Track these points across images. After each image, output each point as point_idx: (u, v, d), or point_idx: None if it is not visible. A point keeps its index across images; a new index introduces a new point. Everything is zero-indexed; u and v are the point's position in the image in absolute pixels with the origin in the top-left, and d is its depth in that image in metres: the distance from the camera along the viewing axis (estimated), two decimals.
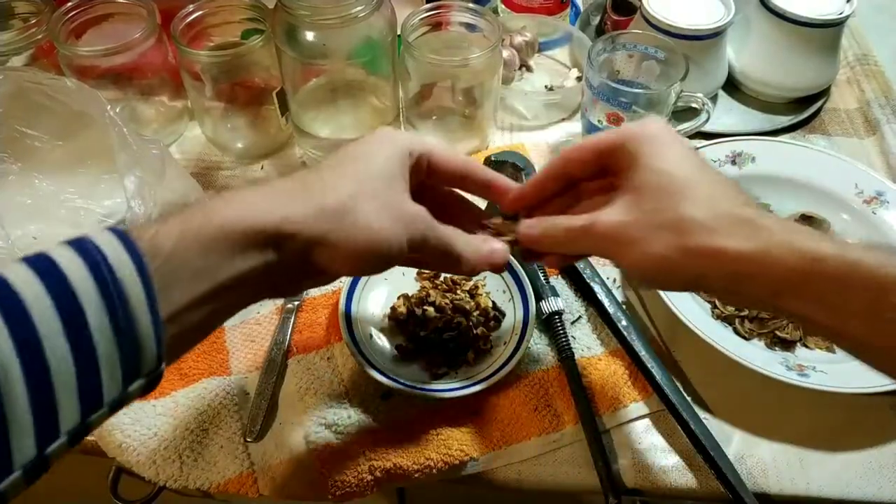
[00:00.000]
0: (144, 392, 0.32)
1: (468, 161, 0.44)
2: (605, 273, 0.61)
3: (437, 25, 0.70)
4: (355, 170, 0.38)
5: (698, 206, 0.36)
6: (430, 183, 0.43)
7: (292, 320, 0.58)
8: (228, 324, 0.59)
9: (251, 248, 0.34)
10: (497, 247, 0.43)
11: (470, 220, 0.46)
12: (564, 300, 0.58)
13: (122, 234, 0.30)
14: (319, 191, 0.36)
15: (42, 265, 0.29)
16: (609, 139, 0.40)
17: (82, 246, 0.30)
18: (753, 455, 0.52)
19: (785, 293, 0.35)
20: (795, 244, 0.34)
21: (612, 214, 0.38)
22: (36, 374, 0.27)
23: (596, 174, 0.42)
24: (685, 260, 0.36)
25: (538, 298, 0.57)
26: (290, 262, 0.36)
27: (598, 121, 0.67)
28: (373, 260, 0.38)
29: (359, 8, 0.58)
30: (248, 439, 0.52)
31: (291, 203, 0.35)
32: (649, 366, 0.53)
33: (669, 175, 0.37)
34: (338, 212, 0.36)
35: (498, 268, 0.44)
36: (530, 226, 0.43)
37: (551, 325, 0.57)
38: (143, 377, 0.31)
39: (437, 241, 0.40)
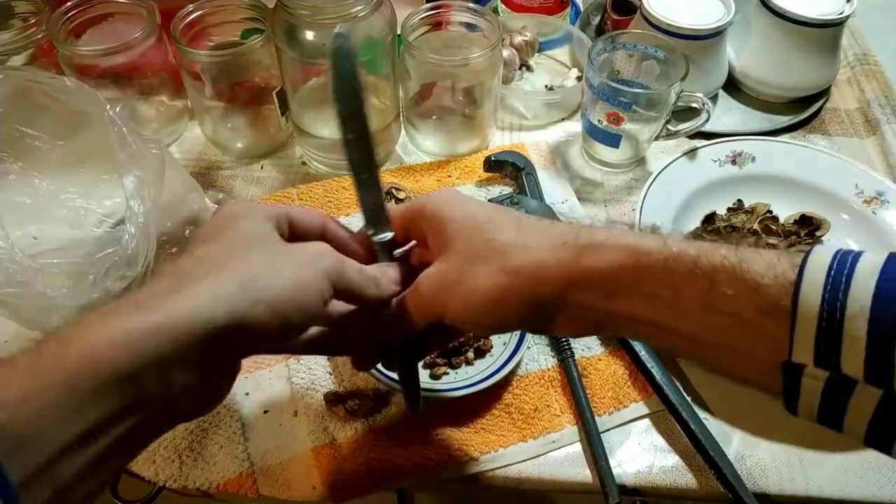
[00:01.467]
0: None
1: (325, 220, 0.42)
2: None
3: (437, 25, 0.70)
4: (229, 236, 0.35)
5: (506, 231, 0.36)
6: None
7: None
8: None
9: (135, 377, 0.28)
10: (391, 273, 0.41)
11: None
12: None
13: None
14: (204, 274, 0.31)
15: None
16: (409, 210, 0.41)
17: None
18: (753, 455, 0.52)
19: (617, 293, 0.34)
20: (618, 241, 0.33)
21: (431, 268, 0.39)
22: None
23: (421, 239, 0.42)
24: (512, 283, 0.35)
25: None
26: (205, 369, 0.31)
27: (598, 120, 0.67)
28: (302, 318, 0.34)
29: (359, 7, 0.58)
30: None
31: (179, 303, 0.29)
32: (649, 366, 0.53)
33: (471, 217, 0.38)
34: (240, 288, 0.31)
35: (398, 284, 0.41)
36: (385, 315, 0.41)
37: None
38: None
39: (358, 275, 0.38)
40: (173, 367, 0.29)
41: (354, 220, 0.66)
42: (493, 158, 0.69)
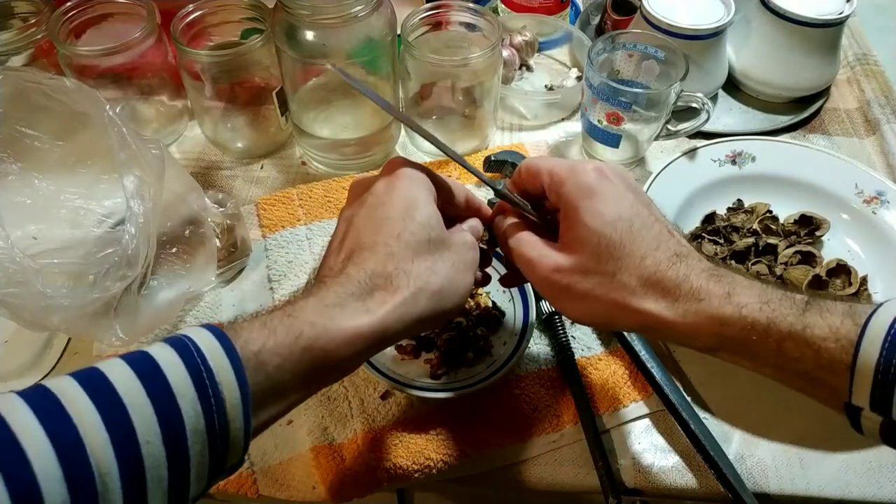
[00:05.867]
0: (222, 479, 0.33)
1: (469, 193, 0.47)
2: None
3: (437, 25, 0.70)
4: (418, 237, 0.39)
5: (630, 273, 0.39)
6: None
7: None
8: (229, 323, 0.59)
9: (351, 364, 0.37)
10: (473, 221, 0.47)
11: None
12: None
13: (224, 338, 0.32)
14: (404, 285, 0.38)
15: (144, 366, 0.30)
16: (546, 177, 0.42)
17: (183, 347, 0.31)
18: (753, 455, 0.52)
19: (708, 350, 0.39)
20: (704, 310, 0.37)
21: (552, 262, 0.41)
22: (133, 478, 0.28)
23: (538, 195, 0.45)
24: (623, 316, 0.39)
25: (538, 298, 0.57)
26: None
27: (598, 120, 0.67)
28: (456, 313, 0.44)
29: (358, 7, 0.58)
30: None
31: (385, 308, 0.37)
32: (649, 366, 0.53)
33: (605, 237, 0.39)
34: (429, 299, 0.39)
35: (480, 236, 0.47)
36: (500, 220, 0.46)
37: (551, 325, 0.57)
38: (225, 472, 0.32)
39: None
40: (367, 354, 0.38)
41: None
42: (492, 158, 0.69)
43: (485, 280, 0.51)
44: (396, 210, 0.40)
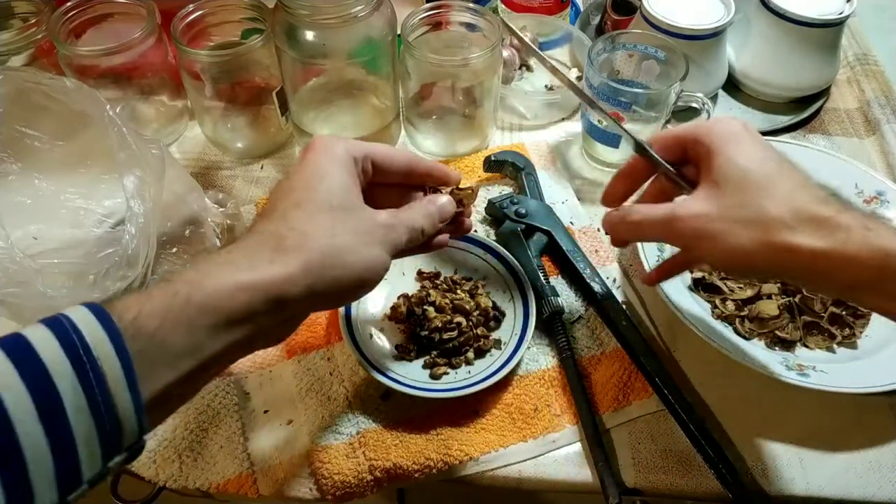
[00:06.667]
0: (125, 463, 0.32)
1: (409, 156, 0.45)
2: (605, 273, 0.61)
3: (437, 25, 0.70)
4: (317, 203, 0.38)
5: (778, 204, 0.38)
6: (376, 181, 0.44)
7: None
8: None
9: (239, 321, 0.34)
10: (441, 200, 0.45)
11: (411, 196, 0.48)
12: (564, 300, 0.58)
13: (100, 312, 0.31)
14: (296, 245, 0.36)
15: (15, 347, 0.29)
16: (691, 130, 0.43)
17: (58, 325, 0.30)
18: (753, 455, 0.52)
19: (858, 288, 0.37)
20: (870, 241, 0.36)
21: (693, 206, 0.40)
22: (8, 459, 0.27)
23: (675, 163, 0.45)
24: (766, 254, 0.38)
25: (538, 298, 0.57)
26: (280, 319, 0.37)
27: (598, 121, 0.67)
28: (363, 291, 0.41)
29: (359, 7, 0.58)
30: None
31: (274, 267, 0.35)
32: (649, 366, 0.53)
33: (750, 171, 0.39)
34: (323, 263, 0.37)
35: (447, 217, 0.46)
36: (611, 213, 0.46)
37: (551, 325, 0.57)
38: (123, 451, 0.31)
39: (409, 234, 0.42)
40: (262, 316, 0.35)
41: None
42: (492, 158, 0.69)
43: (426, 246, 0.47)
44: (300, 181, 0.39)
